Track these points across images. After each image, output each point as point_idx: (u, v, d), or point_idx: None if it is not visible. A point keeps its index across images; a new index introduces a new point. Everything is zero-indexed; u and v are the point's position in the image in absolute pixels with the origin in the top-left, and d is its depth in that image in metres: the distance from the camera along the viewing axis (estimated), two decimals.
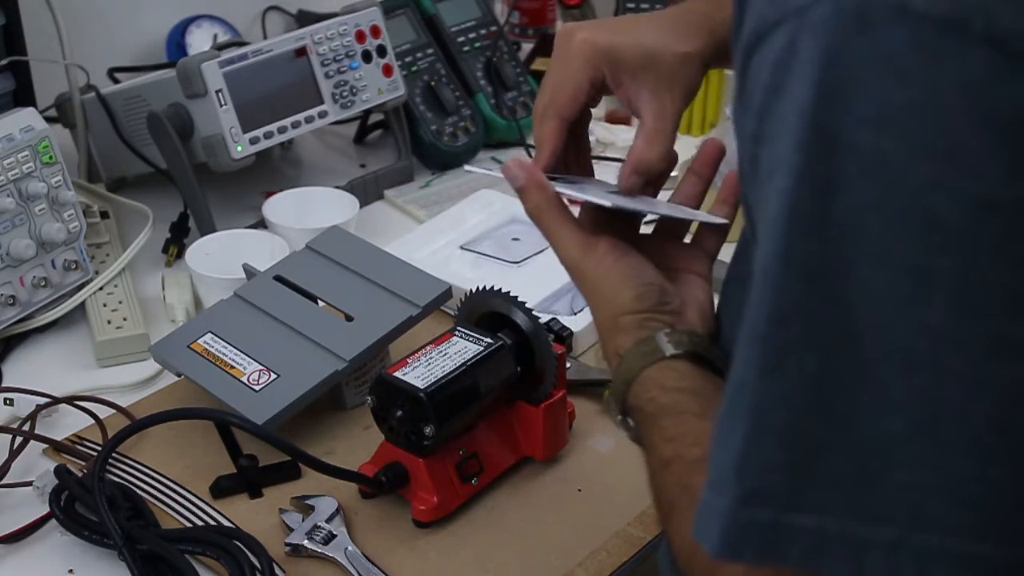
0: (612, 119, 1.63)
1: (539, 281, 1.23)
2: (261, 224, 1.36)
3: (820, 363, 0.53)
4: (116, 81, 1.63)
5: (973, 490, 0.52)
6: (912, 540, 0.53)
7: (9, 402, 1.10)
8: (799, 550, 0.54)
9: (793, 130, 0.53)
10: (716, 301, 0.81)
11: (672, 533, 0.67)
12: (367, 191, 1.48)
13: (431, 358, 0.97)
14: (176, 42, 1.69)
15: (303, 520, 0.96)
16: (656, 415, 0.72)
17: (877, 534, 0.53)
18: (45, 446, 1.06)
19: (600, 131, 1.60)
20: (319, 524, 0.96)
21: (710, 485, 0.58)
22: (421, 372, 0.96)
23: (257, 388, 1.04)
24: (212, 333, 1.10)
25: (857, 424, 0.53)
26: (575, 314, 1.21)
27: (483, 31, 1.64)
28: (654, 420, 0.72)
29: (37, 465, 1.04)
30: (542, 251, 1.30)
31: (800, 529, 0.54)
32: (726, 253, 0.80)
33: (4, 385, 1.14)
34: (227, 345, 1.09)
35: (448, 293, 1.12)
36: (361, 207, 1.36)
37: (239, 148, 1.31)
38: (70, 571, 0.94)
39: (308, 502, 0.98)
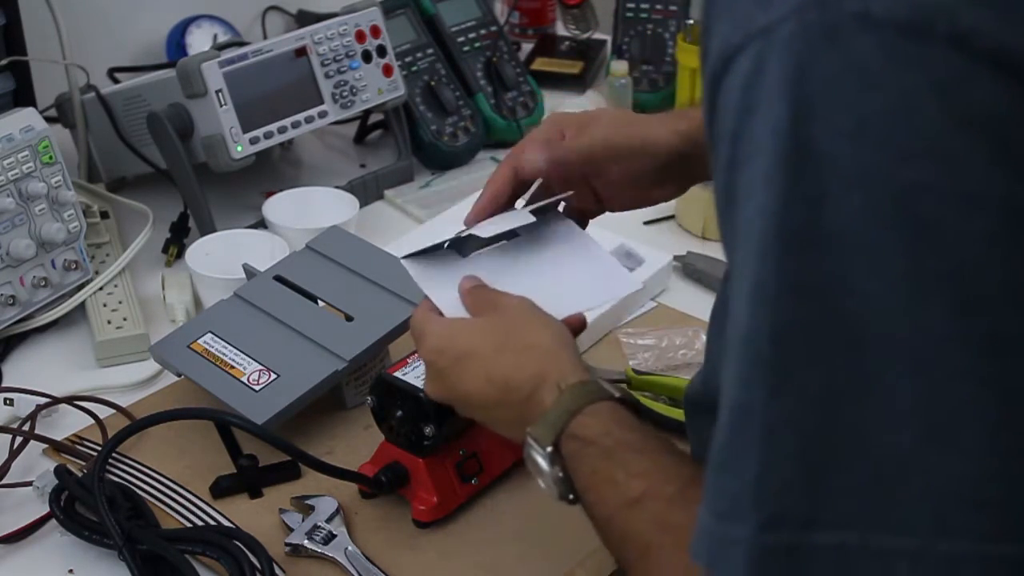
0: None
1: None
2: (261, 224, 1.36)
3: (826, 379, 0.53)
4: (116, 81, 1.62)
5: (993, 491, 0.52)
6: (938, 547, 0.52)
7: (9, 402, 1.10)
8: (824, 568, 0.53)
9: (770, 149, 0.53)
10: None
11: (651, 574, 0.67)
12: (367, 191, 1.48)
13: None
14: (176, 42, 1.69)
15: (303, 520, 0.96)
16: (616, 450, 0.71)
17: (901, 544, 0.52)
18: (45, 446, 1.06)
19: None
20: (319, 524, 0.96)
21: (721, 516, 0.56)
22: (421, 372, 0.95)
23: (257, 388, 1.04)
24: (212, 333, 1.10)
25: (869, 435, 0.53)
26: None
27: (483, 31, 1.64)
28: (613, 455, 0.71)
29: (37, 465, 1.04)
30: None
31: (823, 547, 0.53)
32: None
33: (4, 385, 1.14)
34: (227, 345, 1.09)
35: None
36: (361, 207, 1.36)
37: (239, 148, 1.31)
38: (70, 571, 0.94)
39: (308, 502, 0.98)
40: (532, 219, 0.90)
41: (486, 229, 0.90)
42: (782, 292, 0.54)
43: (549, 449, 0.74)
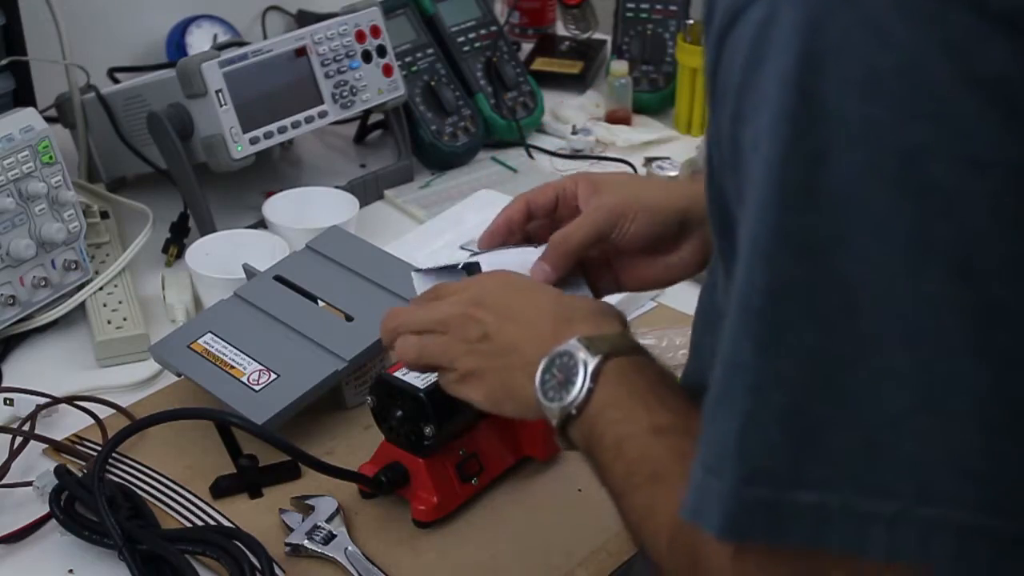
0: (612, 119, 1.64)
1: None
2: (261, 224, 1.36)
3: (819, 338, 0.53)
4: (116, 81, 1.62)
5: (979, 462, 0.52)
6: (916, 513, 0.52)
7: (9, 402, 1.10)
8: (803, 527, 0.54)
9: (777, 101, 0.52)
10: None
11: (653, 504, 0.65)
12: (367, 191, 1.48)
13: None
14: (176, 42, 1.69)
15: (303, 520, 0.96)
16: (658, 382, 0.71)
17: (880, 507, 0.52)
18: (45, 446, 1.06)
19: (600, 131, 1.60)
20: (319, 524, 0.96)
21: (708, 468, 0.57)
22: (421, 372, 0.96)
23: (257, 388, 1.04)
24: (212, 333, 1.10)
25: (859, 399, 0.52)
26: None
27: (483, 31, 1.64)
28: (654, 386, 0.70)
29: (37, 465, 1.04)
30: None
31: (803, 505, 0.53)
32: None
33: (4, 385, 1.14)
34: (227, 345, 1.09)
35: None
36: (361, 207, 1.36)
37: (239, 148, 1.31)
38: (70, 571, 0.94)
39: (308, 502, 0.98)
40: (538, 252, 0.91)
41: (493, 260, 0.90)
42: (779, 248, 0.53)
43: (598, 358, 0.71)
